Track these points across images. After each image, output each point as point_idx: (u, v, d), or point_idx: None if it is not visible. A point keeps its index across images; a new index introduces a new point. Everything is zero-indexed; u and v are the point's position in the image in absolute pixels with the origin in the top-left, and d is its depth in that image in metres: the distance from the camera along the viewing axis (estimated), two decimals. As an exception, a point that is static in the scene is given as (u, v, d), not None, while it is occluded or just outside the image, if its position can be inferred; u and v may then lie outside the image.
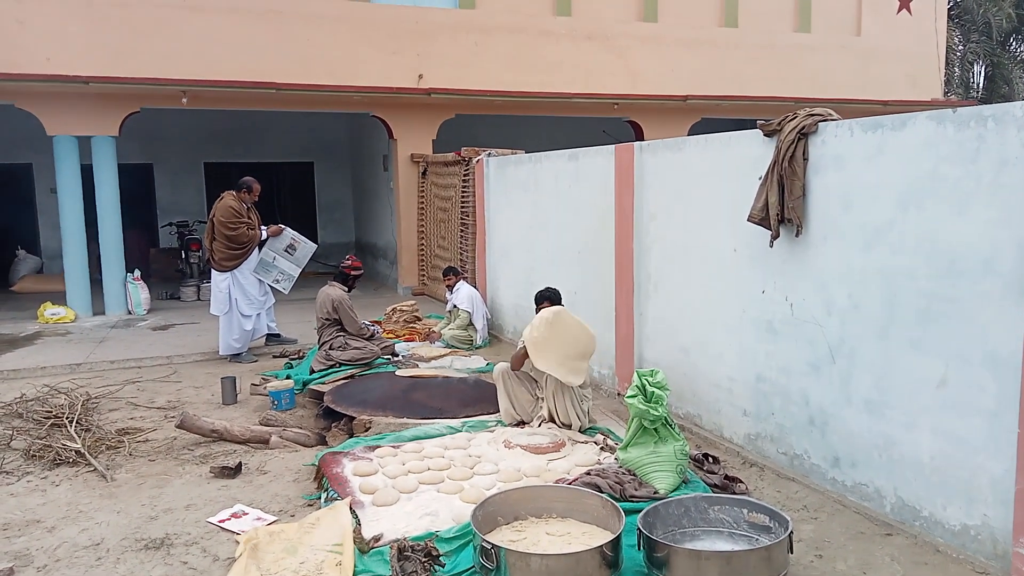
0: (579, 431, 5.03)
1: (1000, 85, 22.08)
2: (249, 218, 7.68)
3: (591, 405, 5.20)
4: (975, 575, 3.33)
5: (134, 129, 11.12)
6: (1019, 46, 23.47)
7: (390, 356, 7.00)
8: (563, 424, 5.04)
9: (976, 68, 22.93)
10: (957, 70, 22.43)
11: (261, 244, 7.79)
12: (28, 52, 9.53)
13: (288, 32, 10.76)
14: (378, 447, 4.75)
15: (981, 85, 22.81)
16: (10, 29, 9.54)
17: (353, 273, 7.03)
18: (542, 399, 5.24)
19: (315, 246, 8.22)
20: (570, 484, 4.03)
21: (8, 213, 13.73)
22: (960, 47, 22.52)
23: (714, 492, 4.02)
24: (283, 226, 8.00)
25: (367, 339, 6.86)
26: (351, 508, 3.87)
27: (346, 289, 6.93)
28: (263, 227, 7.79)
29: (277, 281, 7.88)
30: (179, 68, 10.04)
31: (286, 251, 7.91)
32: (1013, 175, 3.20)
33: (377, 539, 3.57)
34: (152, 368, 7.48)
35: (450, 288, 8.27)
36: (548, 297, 5.47)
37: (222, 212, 7.54)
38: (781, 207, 4.30)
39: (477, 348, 7.89)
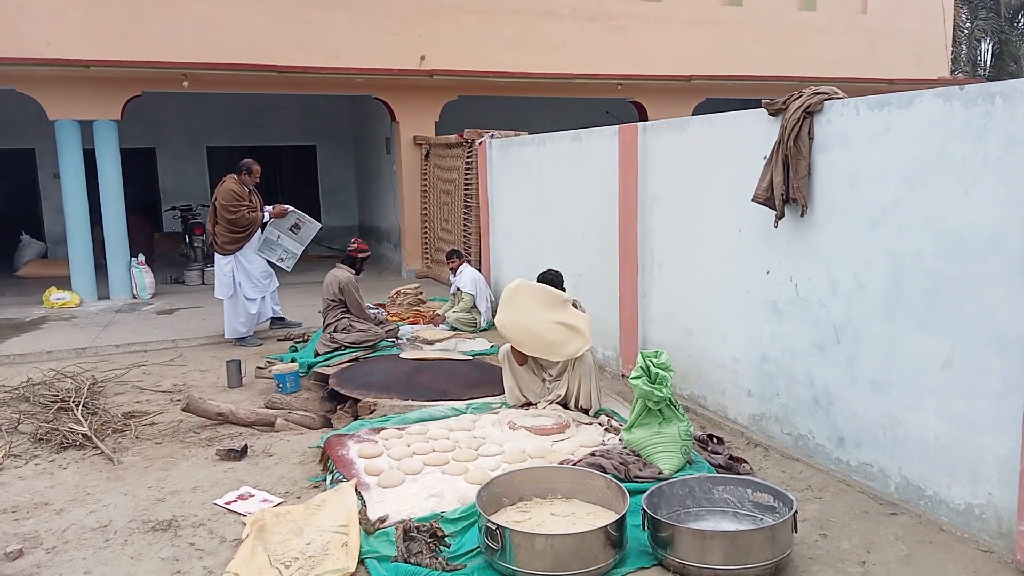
0: (592, 414, 5.03)
1: (1008, 63, 21.87)
2: (251, 201, 7.67)
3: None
4: (979, 553, 3.33)
5: (136, 113, 11.07)
6: (1027, 23, 23.20)
7: (394, 339, 7.01)
8: (582, 407, 5.04)
9: (983, 46, 22.72)
10: (964, 48, 22.23)
11: (264, 225, 7.79)
12: (28, 36, 9.48)
13: (289, 14, 10.69)
14: (383, 429, 4.76)
15: (988, 63, 22.60)
16: (10, 13, 9.49)
17: (360, 256, 7.03)
18: (549, 381, 5.24)
19: (319, 225, 8.20)
20: (575, 465, 4.04)
21: (12, 198, 13.72)
22: (967, 24, 22.29)
23: (718, 472, 4.03)
24: (287, 206, 7.97)
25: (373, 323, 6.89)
26: (356, 490, 3.89)
27: (354, 272, 6.94)
28: (265, 208, 7.78)
29: (281, 260, 7.91)
30: (180, 51, 9.99)
31: (291, 230, 7.92)
32: (1021, 152, 3.17)
33: (383, 520, 3.59)
34: (157, 352, 7.50)
35: (454, 271, 8.26)
36: (549, 280, 5.30)
37: (223, 195, 7.54)
38: (786, 187, 4.27)
39: (481, 331, 7.89)
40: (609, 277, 6.27)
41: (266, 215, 7.72)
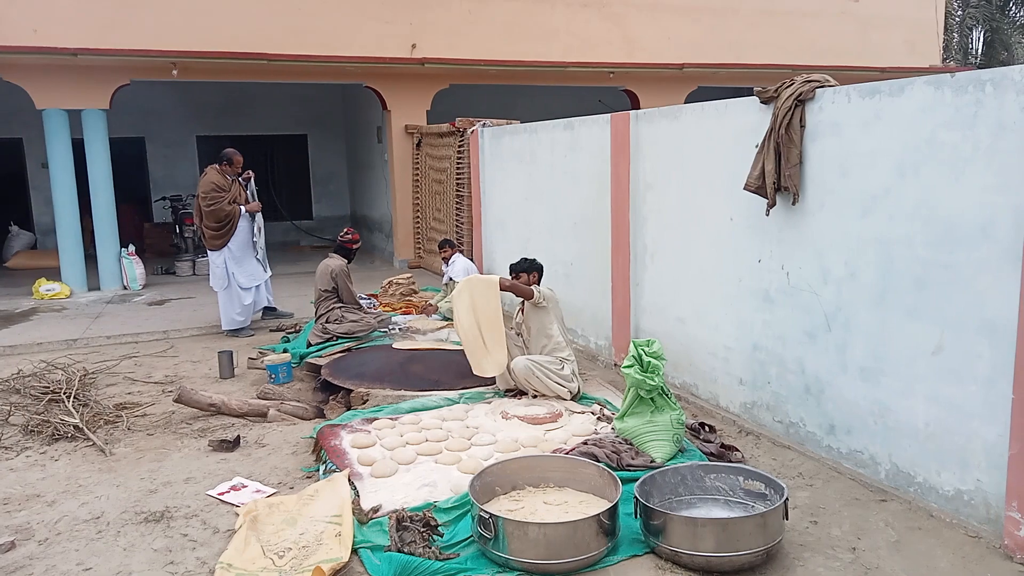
0: (573, 397, 5.05)
1: (999, 51, 21.92)
2: (233, 191, 7.53)
3: (575, 367, 5.19)
4: (968, 539, 3.36)
5: (125, 102, 10.98)
6: (1019, 11, 23.26)
7: (386, 329, 7.00)
8: (556, 398, 5.05)
9: (975, 34, 22.76)
10: (956, 36, 22.25)
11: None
12: (15, 23, 9.37)
13: (279, 1, 10.59)
14: (376, 419, 4.76)
15: (980, 51, 22.65)
16: (-4, 1, 9.39)
17: (354, 247, 7.03)
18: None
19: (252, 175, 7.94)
20: (567, 454, 4.05)
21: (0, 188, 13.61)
22: (959, 12, 22.31)
23: (710, 460, 4.05)
24: (257, 203, 7.78)
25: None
26: (349, 480, 3.89)
27: (346, 261, 6.93)
28: (243, 204, 7.58)
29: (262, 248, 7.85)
30: (169, 40, 9.89)
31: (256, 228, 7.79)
32: (1011, 140, 3.18)
33: (376, 510, 3.60)
34: (149, 343, 7.47)
35: (446, 261, 8.24)
36: (524, 269, 5.29)
37: (203, 187, 7.46)
38: (778, 175, 4.27)
39: (474, 320, 7.87)
40: (601, 266, 6.27)
41: (242, 209, 7.58)
